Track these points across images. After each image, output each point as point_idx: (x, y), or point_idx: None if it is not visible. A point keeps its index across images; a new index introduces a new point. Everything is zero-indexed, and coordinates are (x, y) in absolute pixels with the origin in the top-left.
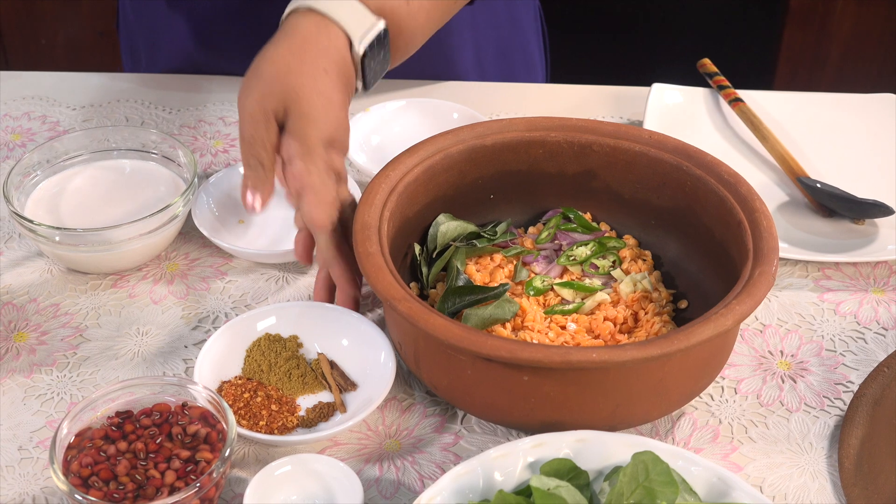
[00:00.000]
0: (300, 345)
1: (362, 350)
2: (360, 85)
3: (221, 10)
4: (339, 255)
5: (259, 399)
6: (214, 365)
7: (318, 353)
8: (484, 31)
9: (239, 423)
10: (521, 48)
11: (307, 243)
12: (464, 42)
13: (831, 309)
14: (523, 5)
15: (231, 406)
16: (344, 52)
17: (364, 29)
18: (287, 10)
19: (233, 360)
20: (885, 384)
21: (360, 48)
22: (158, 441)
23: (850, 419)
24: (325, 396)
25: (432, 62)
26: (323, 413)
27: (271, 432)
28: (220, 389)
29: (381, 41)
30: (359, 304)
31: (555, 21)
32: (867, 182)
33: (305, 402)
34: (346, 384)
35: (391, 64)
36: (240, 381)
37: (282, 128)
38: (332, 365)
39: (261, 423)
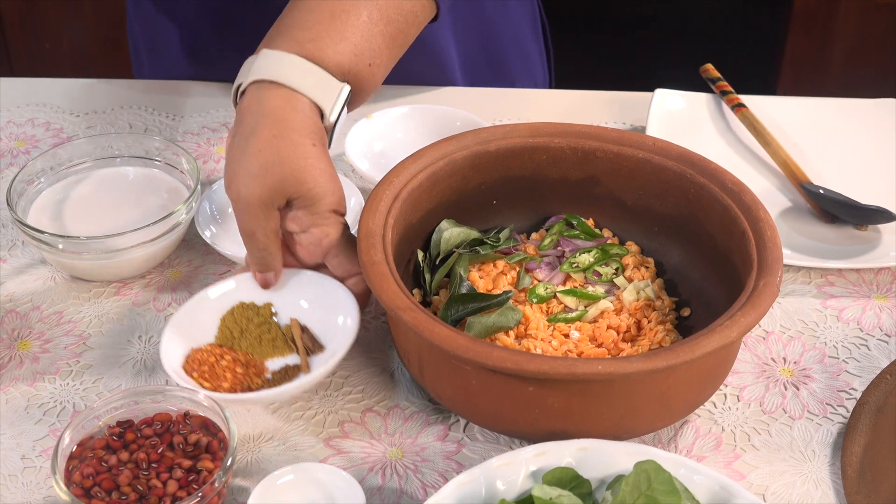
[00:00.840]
0: (274, 312)
1: (329, 313)
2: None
3: (207, 16)
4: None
5: (224, 363)
6: (184, 335)
7: (291, 319)
8: (465, 31)
9: (202, 385)
10: (515, 47)
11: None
12: (446, 43)
13: (834, 315)
14: (517, 5)
15: (196, 370)
16: (317, 121)
17: (332, 98)
18: (245, 81)
19: (207, 329)
20: (888, 391)
21: (332, 117)
22: (160, 450)
23: (853, 427)
24: (293, 360)
25: (417, 65)
26: (288, 374)
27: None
28: (188, 357)
29: (345, 103)
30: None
31: (554, 22)
32: (870, 188)
33: (274, 365)
34: (313, 346)
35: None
36: (209, 348)
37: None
38: (304, 329)
39: (224, 384)
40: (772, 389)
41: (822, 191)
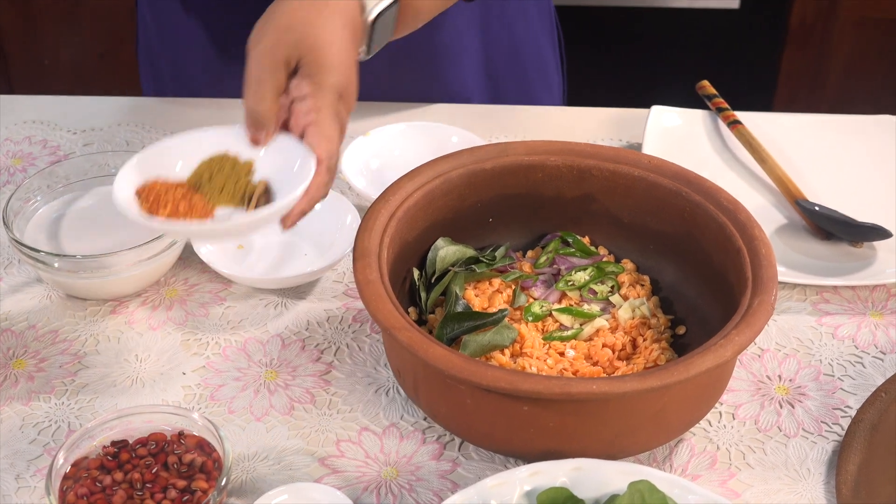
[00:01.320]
0: (251, 171)
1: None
2: (363, 50)
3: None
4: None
5: (172, 195)
6: (156, 165)
7: (260, 180)
8: (494, 45)
9: (141, 206)
10: (536, 62)
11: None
12: (472, 60)
13: (829, 333)
14: (537, 19)
15: (143, 196)
16: (356, 14)
17: None
18: None
19: (184, 167)
20: (883, 409)
21: (372, 14)
22: (154, 471)
23: (848, 445)
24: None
25: (439, 81)
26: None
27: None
28: (147, 184)
29: (390, 10)
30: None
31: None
32: (866, 205)
33: (221, 213)
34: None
35: (394, 35)
36: (173, 184)
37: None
38: (267, 193)
39: (162, 211)
40: (767, 407)
41: (817, 208)
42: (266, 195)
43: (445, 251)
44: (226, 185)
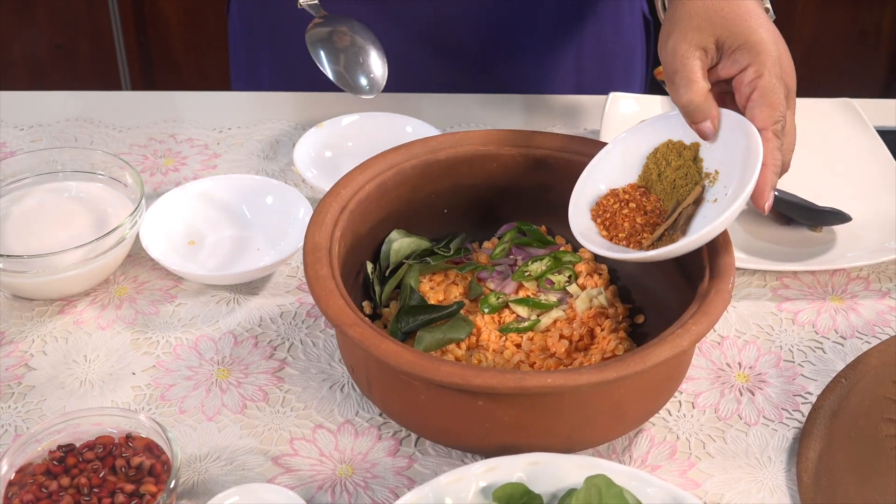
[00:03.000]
0: (700, 158)
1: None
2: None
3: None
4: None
5: (626, 211)
6: (605, 174)
7: (707, 173)
8: (588, 40)
9: (600, 233)
10: (622, 56)
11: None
12: (567, 53)
13: (789, 318)
14: (629, 13)
15: (600, 217)
16: None
17: None
18: None
19: (632, 167)
20: (843, 395)
21: None
22: (102, 475)
23: (808, 432)
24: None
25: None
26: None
27: (628, 245)
28: (599, 201)
29: None
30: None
31: None
32: (825, 189)
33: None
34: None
35: None
36: (628, 189)
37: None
38: (698, 201)
39: (620, 235)
40: (727, 395)
41: (776, 192)
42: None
43: (399, 243)
44: (676, 179)
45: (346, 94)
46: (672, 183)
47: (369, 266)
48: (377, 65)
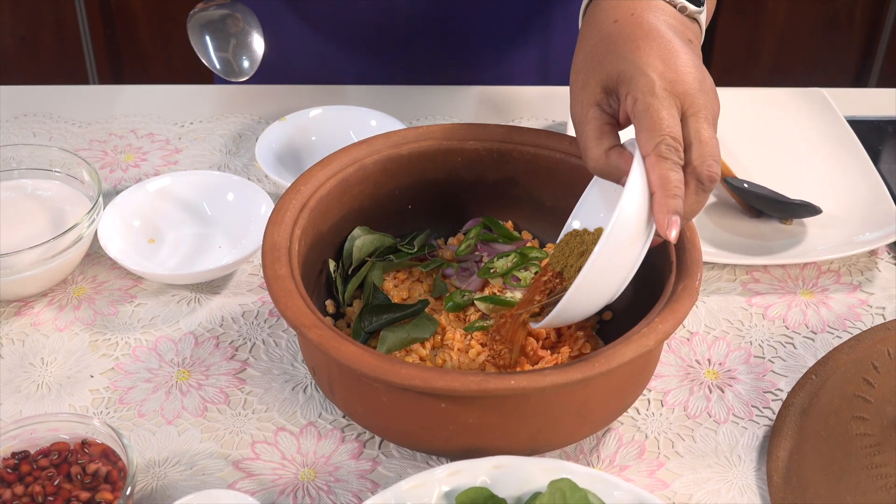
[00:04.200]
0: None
1: None
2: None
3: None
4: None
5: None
6: None
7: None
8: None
9: None
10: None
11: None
12: (533, 50)
13: (760, 313)
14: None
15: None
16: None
17: None
18: None
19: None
20: (813, 393)
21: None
22: (57, 483)
23: (779, 430)
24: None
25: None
26: None
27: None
28: None
29: None
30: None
31: None
32: (795, 181)
33: None
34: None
35: None
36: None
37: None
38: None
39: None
40: (696, 393)
41: (746, 185)
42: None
43: (362, 241)
44: (580, 265)
45: (311, 87)
46: (577, 271)
47: (332, 264)
48: (259, 46)
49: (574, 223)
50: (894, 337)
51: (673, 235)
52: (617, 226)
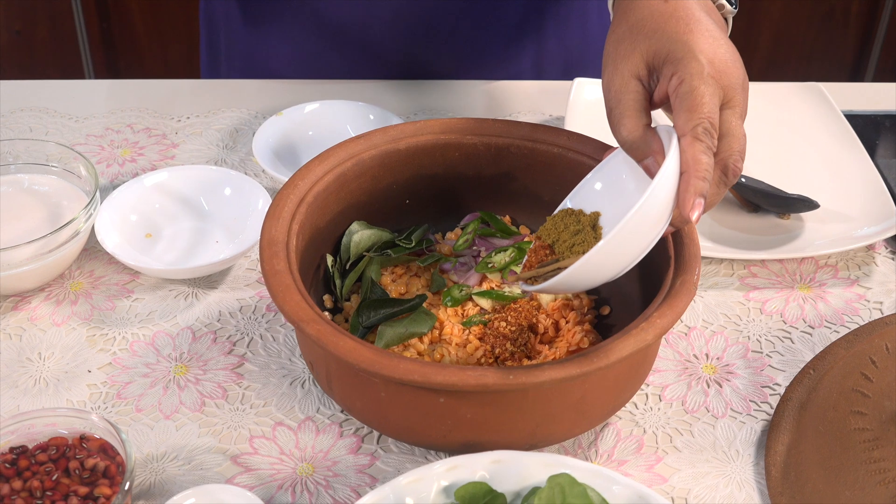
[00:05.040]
0: (599, 225)
1: None
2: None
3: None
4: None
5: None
6: None
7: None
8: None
9: None
10: (589, 61)
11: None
12: (529, 52)
13: (757, 308)
14: (598, 13)
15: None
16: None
17: None
18: None
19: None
20: (811, 388)
21: None
22: (55, 477)
23: (777, 425)
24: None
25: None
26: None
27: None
28: None
29: None
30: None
31: None
32: (793, 175)
33: None
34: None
35: None
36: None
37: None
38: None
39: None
40: (694, 388)
41: (744, 179)
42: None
43: (360, 235)
44: (574, 245)
45: (307, 82)
46: (570, 247)
47: (329, 259)
48: None
49: (568, 203)
50: (892, 332)
51: (695, 217)
52: (651, 198)
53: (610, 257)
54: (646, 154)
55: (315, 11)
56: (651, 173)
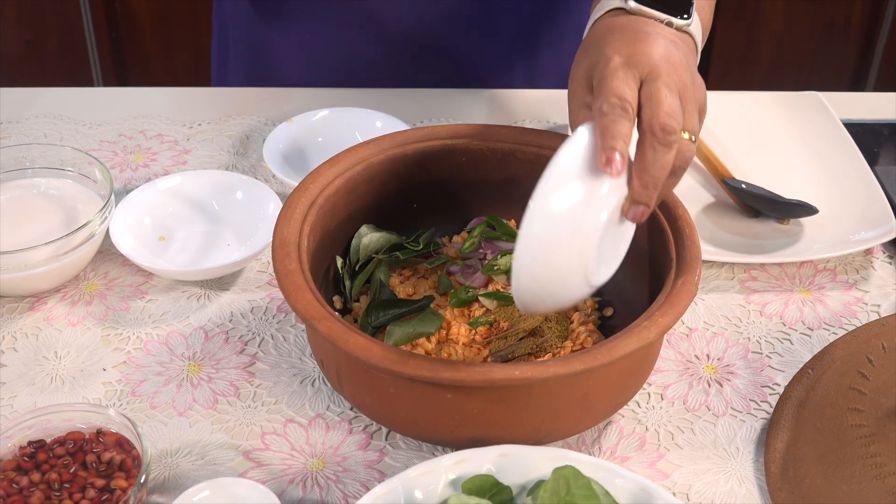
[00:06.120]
0: None
1: None
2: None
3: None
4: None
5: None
6: None
7: None
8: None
9: None
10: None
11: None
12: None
13: (757, 310)
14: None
15: None
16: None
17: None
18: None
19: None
20: (810, 386)
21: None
22: (73, 470)
23: (776, 423)
24: None
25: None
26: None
27: None
28: None
29: None
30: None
31: None
32: (792, 181)
33: None
34: None
35: None
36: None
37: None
38: None
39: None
40: (695, 387)
41: (744, 185)
42: None
43: (369, 238)
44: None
45: (317, 90)
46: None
47: (339, 261)
48: None
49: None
50: (889, 332)
51: (613, 169)
52: (547, 180)
53: (541, 251)
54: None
55: (325, 20)
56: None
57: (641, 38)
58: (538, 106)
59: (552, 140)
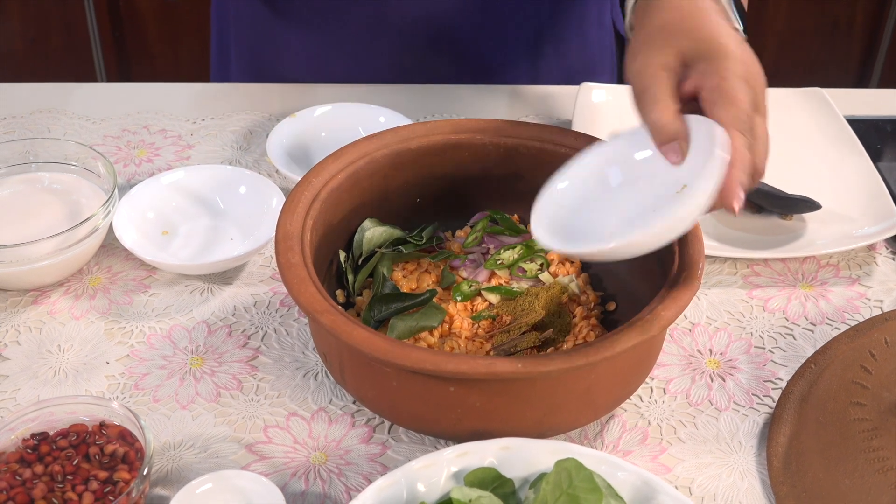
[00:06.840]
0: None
1: None
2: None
3: None
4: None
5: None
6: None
7: None
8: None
9: None
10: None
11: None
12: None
13: (760, 306)
14: (597, 24)
15: None
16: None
17: None
18: None
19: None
20: (812, 381)
21: None
22: (75, 462)
23: (778, 417)
24: None
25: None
26: None
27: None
28: None
29: None
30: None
31: None
32: (795, 177)
33: None
34: None
35: None
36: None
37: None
38: None
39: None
40: (698, 381)
41: None
42: None
43: (372, 232)
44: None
45: (320, 85)
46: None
47: (342, 255)
48: None
49: (560, 185)
50: (892, 327)
51: (736, 206)
52: (706, 190)
53: (658, 238)
54: (673, 137)
55: (333, 15)
56: (671, 158)
57: (743, 45)
58: (542, 102)
59: (555, 135)
